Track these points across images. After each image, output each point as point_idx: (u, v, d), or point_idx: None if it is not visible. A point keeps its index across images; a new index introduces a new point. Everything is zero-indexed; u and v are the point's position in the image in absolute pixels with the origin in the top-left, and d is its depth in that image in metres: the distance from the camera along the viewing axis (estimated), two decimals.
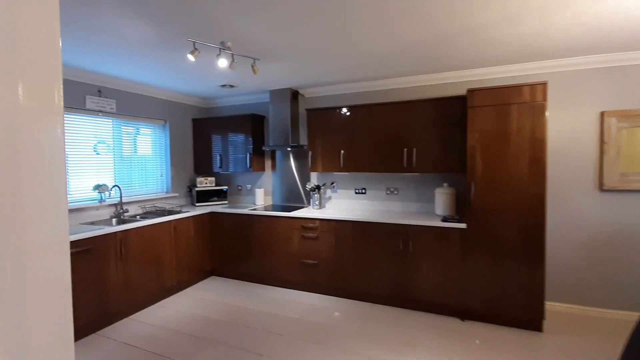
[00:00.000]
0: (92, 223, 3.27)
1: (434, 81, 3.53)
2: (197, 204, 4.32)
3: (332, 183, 4.10)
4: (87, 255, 2.78)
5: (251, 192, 4.62)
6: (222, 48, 2.51)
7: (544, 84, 2.65)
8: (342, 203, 4.07)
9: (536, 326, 2.78)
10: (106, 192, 3.47)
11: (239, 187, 4.70)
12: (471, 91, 2.87)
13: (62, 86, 0.54)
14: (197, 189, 4.34)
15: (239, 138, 4.31)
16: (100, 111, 3.50)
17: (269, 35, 2.38)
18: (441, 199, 3.31)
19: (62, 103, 0.53)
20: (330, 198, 4.14)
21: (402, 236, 3.16)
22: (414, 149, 3.34)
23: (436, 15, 2.08)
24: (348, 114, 3.64)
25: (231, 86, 3.92)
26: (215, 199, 4.46)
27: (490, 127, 2.83)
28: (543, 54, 2.87)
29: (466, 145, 2.96)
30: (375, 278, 3.29)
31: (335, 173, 4.07)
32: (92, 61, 2.96)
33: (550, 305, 3.16)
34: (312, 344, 2.62)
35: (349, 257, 3.40)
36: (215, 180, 4.73)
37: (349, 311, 3.19)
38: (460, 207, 3.38)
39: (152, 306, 3.36)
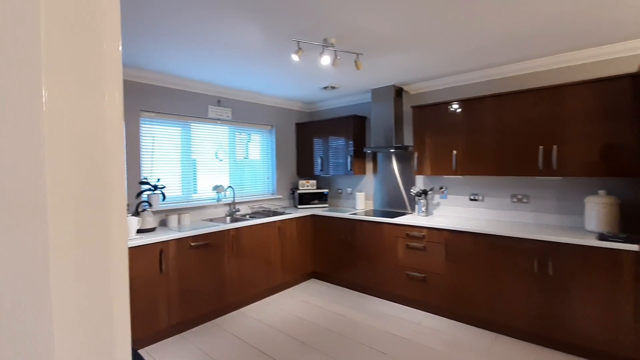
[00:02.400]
0: (211, 220, 3.61)
1: (587, 59, 2.76)
2: (299, 206, 4.41)
3: (441, 188, 3.65)
4: (206, 249, 3.04)
5: (351, 196, 4.49)
6: (325, 45, 2.43)
7: None
8: (452, 210, 3.57)
9: None
10: (222, 193, 3.80)
11: (339, 191, 4.63)
12: None
13: (122, 92, 0.52)
14: (299, 191, 4.43)
15: (340, 141, 4.24)
16: (219, 119, 3.86)
17: (375, 25, 2.18)
18: (596, 210, 2.55)
19: (122, 108, 0.52)
20: (438, 204, 3.69)
21: (538, 255, 2.54)
22: (554, 147, 2.67)
23: None
24: (461, 109, 3.17)
25: (333, 87, 3.87)
26: (316, 201, 4.48)
27: None
28: None
29: (638, 140, 2.19)
30: (501, 303, 2.74)
31: (445, 177, 3.61)
32: (212, 73, 3.25)
33: None
34: None
35: (465, 273, 2.92)
36: (317, 183, 4.76)
37: (466, 338, 2.73)
38: (627, 223, 2.55)
39: (259, 302, 3.51)
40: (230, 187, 3.89)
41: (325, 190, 4.53)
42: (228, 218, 3.78)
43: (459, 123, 3.20)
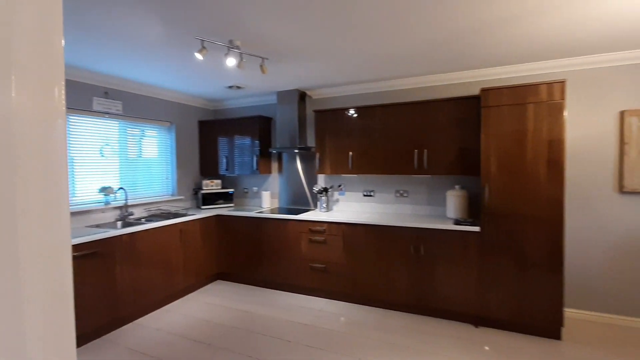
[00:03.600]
0: (98, 226, 3.22)
1: (447, 81, 3.45)
2: (202, 207, 4.26)
3: (340, 185, 4.03)
4: (92, 259, 2.72)
5: (257, 195, 4.55)
6: (231, 47, 2.46)
7: (562, 82, 2.56)
8: (349, 206, 3.98)
9: (554, 334, 2.68)
10: (112, 195, 3.43)
11: (245, 190, 4.64)
12: (485, 90, 2.79)
13: (63, 85, 0.51)
14: (203, 191, 4.29)
15: (246, 140, 4.26)
16: (107, 113, 3.46)
17: (280, 34, 2.32)
18: (453, 201, 3.22)
19: (63, 102, 0.50)
20: (337, 201, 4.06)
21: (413, 240, 3.07)
22: (425, 151, 3.26)
23: (453, 11, 2.01)
24: (357, 115, 3.57)
25: (238, 87, 3.87)
26: (221, 201, 4.40)
27: (505, 127, 2.74)
28: (561, 52, 2.78)
29: (480, 146, 2.87)
30: (386, 283, 3.20)
31: (343, 175, 4.00)
32: (100, 62, 2.92)
33: (569, 313, 3.04)
34: (323, 351, 2.53)
35: (359, 261, 3.31)
36: (222, 183, 4.67)
37: (360, 317, 3.10)
38: (474, 211, 3.28)
39: (158, 310, 3.30)
40: (121, 188, 3.53)
41: (231, 190, 4.49)
42: (119, 223, 3.43)
43: (355, 127, 3.59)
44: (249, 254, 3.89)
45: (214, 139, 4.48)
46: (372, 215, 3.57)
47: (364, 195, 3.91)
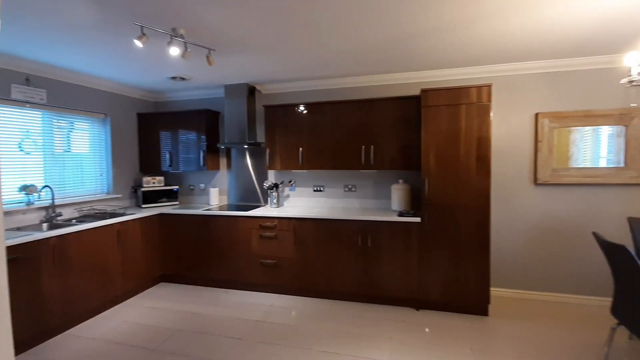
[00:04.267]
0: (19, 229, 2.86)
1: (392, 81, 3.64)
2: (143, 206, 4.00)
3: (290, 181, 4.05)
4: (13, 266, 2.41)
5: (205, 192, 4.39)
6: (174, 35, 2.34)
7: (488, 86, 2.86)
8: (300, 201, 4.03)
9: (482, 311, 2.99)
10: (35, 194, 3.06)
11: (192, 187, 4.45)
12: (425, 91, 3.01)
13: None
14: (143, 189, 4.02)
15: (192, 135, 4.08)
16: (28, 102, 3.07)
17: (228, 25, 2.27)
18: (397, 194, 3.43)
19: None
20: (288, 196, 4.08)
21: (360, 232, 3.21)
22: (372, 147, 3.42)
23: (396, 17, 2.13)
24: (307, 111, 3.62)
25: (182, 79, 3.69)
26: (164, 199, 4.17)
27: (442, 126, 2.98)
28: (489, 59, 3.10)
29: (420, 143, 3.09)
30: (336, 275, 3.31)
31: (293, 171, 4.02)
32: (20, 45, 2.58)
33: (495, 291, 3.42)
34: (275, 346, 2.55)
35: (309, 254, 3.37)
36: (165, 179, 4.43)
37: (311, 310, 3.16)
38: (416, 203, 3.53)
39: (94, 318, 3.03)
40: (46, 186, 3.17)
41: (175, 187, 4.27)
42: (45, 225, 3.08)
43: (305, 124, 3.63)
44: (195, 254, 3.74)
45: (155, 133, 4.22)
46: (322, 209, 3.65)
47: (314, 191, 3.98)
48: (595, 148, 3.14)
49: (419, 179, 3.55)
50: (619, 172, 3.07)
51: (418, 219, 3.05)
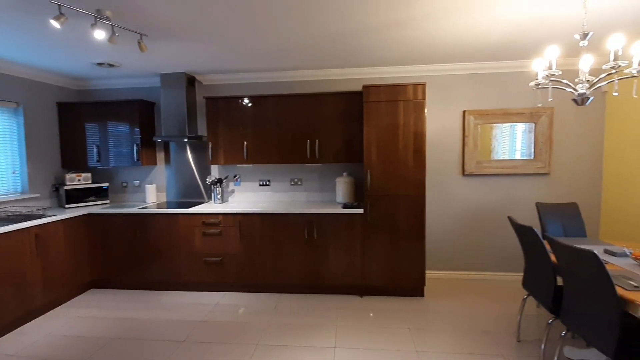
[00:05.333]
0: None
1: (338, 76, 3.72)
2: (67, 206, 3.60)
3: (235, 176, 3.95)
4: None
5: (140, 189, 4.08)
6: (99, 17, 2.13)
7: (423, 85, 3.07)
8: (246, 196, 3.95)
9: (419, 292, 3.25)
10: None
11: (124, 184, 4.11)
12: (366, 87, 3.13)
13: None
14: (66, 187, 3.61)
15: (123, 127, 3.75)
16: None
17: (160, 9, 2.12)
18: (341, 187, 3.54)
19: None
20: (233, 191, 3.98)
21: (306, 225, 3.26)
22: (317, 141, 3.47)
23: (338, 14, 2.18)
24: (251, 104, 3.54)
25: (111, 65, 3.37)
26: (92, 198, 3.80)
27: (382, 120, 3.13)
28: (423, 59, 3.32)
29: (363, 137, 3.22)
30: (283, 268, 3.32)
31: (238, 165, 3.92)
32: None
33: (429, 274, 3.73)
34: (221, 345, 2.49)
35: (256, 250, 3.34)
36: (92, 176, 4.03)
37: (258, 305, 3.14)
38: (359, 194, 3.67)
39: (9, 334, 2.68)
40: None
41: (105, 185, 3.91)
42: None
43: (249, 117, 3.56)
44: (130, 256, 3.48)
45: (79, 124, 3.80)
46: (268, 204, 3.62)
47: (260, 185, 3.93)
48: (512, 142, 3.56)
49: (362, 171, 3.69)
50: (529, 163, 3.51)
51: (361, 210, 3.18)
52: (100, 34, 2.19)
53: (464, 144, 3.59)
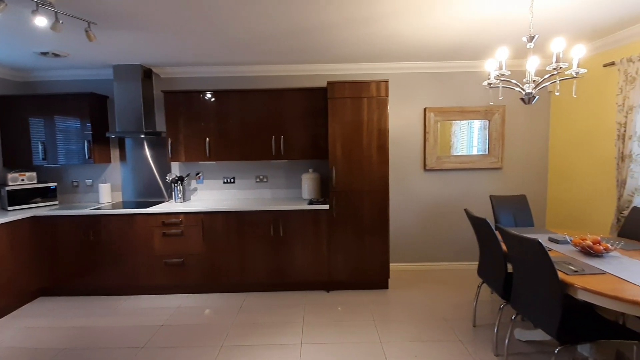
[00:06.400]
0: None
1: (302, 72, 3.69)
2: (10, 208, 3.30)
3: (198, 173, 3.81)
4: None
5: (93, 189, 3.83)
6: (41, 3, 1.95)
7: (386, 82, 3.13)
8: (209, 194, 3.84)
9: (383, 285, 3.33)
10: None
11: (75, 184, 3.83)
12: (331, 83, 3.14)
13: None
14: (8, 188, 3.30)
15: (73, 122, 3.49)
16: None
17: None
18: (307, 183, 3.54)
19: None
20: (195, 190, 3.84)
21: (272, 222, 3.23)
22: (282, 137, 3.43)
23: (299, 8, 2.16)
24: (214, 99, 3.43)
25: (57, 55, 3.10)
26: (38, 199, 3.50)
27: (347, 117, 3.16)
28: (386, 57, 3.38)
29: (328, 133, 3.23)
30: (248, 267, 3.27)
31: (200, 163, 3.79)
32: None
33: (393, 266, 3.84)
34: (183, 348, 2.40)
35: (220, 249, 3.25)
36: (38, 176, 3.72)
37: (222, 305, 3.07)
38: (325, 190, 3.69)
39: None
40: None
41: (53, 184, 3.62)
42: None
43: (211, 112, 3.44)
44: (83, 260, 3.26)
45: (22, 119, 3.48)
46: (233, 202, 3.54)
47: (225, 183, 3.83)
48: (469, 138, 3.74)
49: (328, 167, 3.71)
50: (484, 158, 3.72)
51: (327, 206, 3.20)
52: (41, 21, 2.01)
53: (425, 140, 3.72)
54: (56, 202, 3.64)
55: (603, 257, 2.07)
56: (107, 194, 3.69)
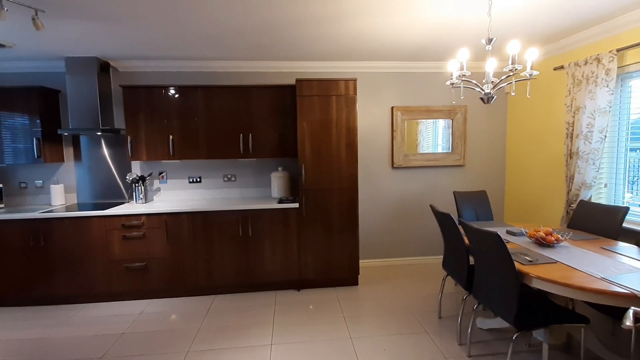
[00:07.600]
0: None
1: (270, 69, 3.63)
2: None
3: (161, 173, 3.65)
4: None
5: (43, 190, 3.54)
6: None
7: (354, 80, 3.16)
8: (174, 194, 3.68)
9: (353, 282, 3.37)
10: None
11: (23, 185, 3.53)
12: (299, 81, 3.11)
13: None
14: None
15: (19, 118, 3.21)
16: None
17: None
18: (277, 182, 3.49)
19: None
20: (159, 190, 3.67)
21: (241, 222, 3.15)
22: (250, 135, 3.36)
23: (265, 1, 2.12)
24: (178, 95, 3.29)
25: (2, 46, 2.83)
26: None
27: (315, 115, 3.15)
28: (354, 55, 3.41)
29: (297, 131, 3.21)
30: (216, 269, 3.17)
31: (163, 162, 3.63)
32: None
33: (363, 262, 3.90)
34: (146, 356, 2.29)
35: (185, 251, 3.13)
36: None
37: (189, 309, 2.96)
38: (295, 189, 3.67)
39: None
40: None
41: None
42: None
43: (175, 109, 3.30)
44: (32, 268, 3.01)
45: None
46: (199, 202, 3.42)
47: (190, 182, 3.69)
48: (435, 137, 3.87)
49: (297, 166, 3.69)
50: (448, 156, 3.86)
51: (296, 205, 3.18)
52: None
53: (392, 138, 3.80)
54: (1, 205, 3.33)
55: (554, 247, 2.21)
56: (60, 196, 3.43)
